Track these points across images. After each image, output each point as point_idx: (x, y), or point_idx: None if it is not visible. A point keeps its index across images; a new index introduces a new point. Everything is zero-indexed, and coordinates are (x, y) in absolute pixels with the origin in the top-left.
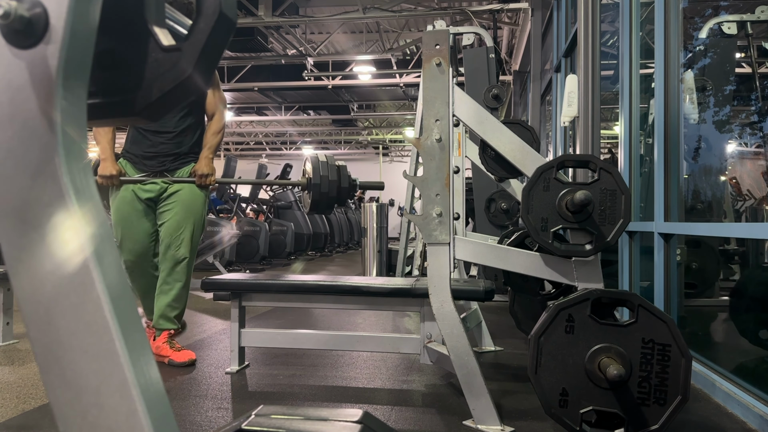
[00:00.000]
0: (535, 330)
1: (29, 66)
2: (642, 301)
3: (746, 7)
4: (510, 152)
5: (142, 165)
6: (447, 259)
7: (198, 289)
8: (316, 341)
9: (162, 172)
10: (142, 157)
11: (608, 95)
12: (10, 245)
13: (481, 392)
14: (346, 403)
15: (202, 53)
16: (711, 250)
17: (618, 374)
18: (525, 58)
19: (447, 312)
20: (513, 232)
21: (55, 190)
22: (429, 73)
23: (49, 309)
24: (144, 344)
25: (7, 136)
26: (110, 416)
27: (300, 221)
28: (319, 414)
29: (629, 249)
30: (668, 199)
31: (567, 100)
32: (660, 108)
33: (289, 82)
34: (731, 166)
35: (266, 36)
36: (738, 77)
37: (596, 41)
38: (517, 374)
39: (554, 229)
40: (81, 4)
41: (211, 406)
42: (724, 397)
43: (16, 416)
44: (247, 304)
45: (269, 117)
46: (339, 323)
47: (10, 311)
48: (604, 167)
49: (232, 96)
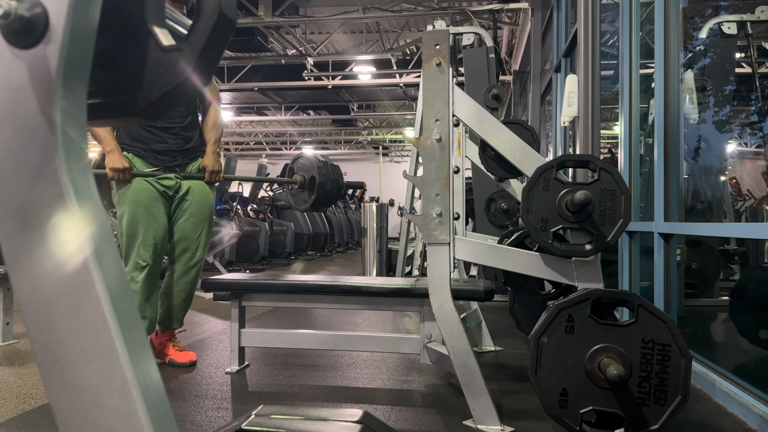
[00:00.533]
0: (535, 330)
1: (29, 66)
2: (642, 301)
3: (746, 7)
4: (510, 152)
5: (153, 159)
6: (447, 259)
7: (198, 289)
8: (316, 341)
9: (174, 167)
10: (152, 151)
11: (608, 95)
12: (10, 245)
13: (481, 392)
14: (346, 403)
15: (202, 53)
16: (711, 250)
17: (618, 374)
18: (525, 58)
19: (447, 312)
20: (513, 232)
21: (55, 190)
22: (429, 73)
23: (49, 309)
24: (144, 344)
25: (7, 136)
26: (110, 416)
27: (300, 221)
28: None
29: (629, 249)
30: (668, 199)
31: (567, 100)
32: (660, 108)
33: (289, 82)
34: (731, 166)
35: (266, 36)
36: (738, 77)
37: (596, 41)
38: (517, 374)
39: (554, 229)
40: (81, 4)
41: (211, 406)
42: (724, 397)
43: (16, 416)
44: (247, 304)
45: (269, 117)
46: (339, 323)
47: (10, 311)
48: (604, 167)
49: (232, 96)
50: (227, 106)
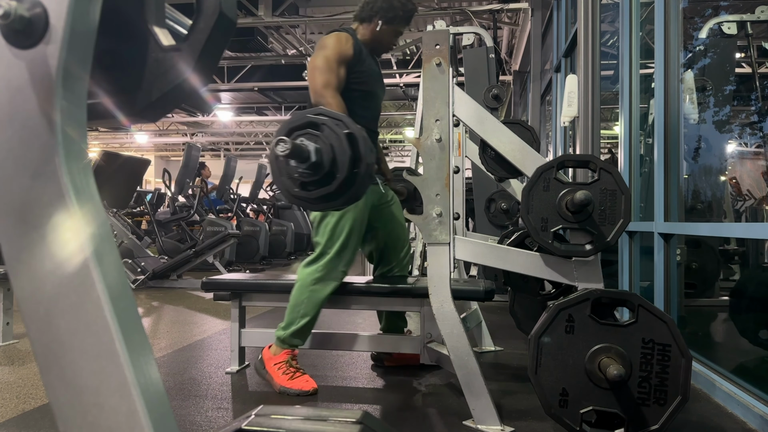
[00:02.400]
0: (536, 330)
1: (29, 66)
2: (642, 301)
3: (746, 7)
4: (510, 152)
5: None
6: (447, 259)
7: (198, 289)
8: (316, 341)
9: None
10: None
11: (608, 95)
12: (10, 245)
13: (482, 392)
14: (346, 403)
15: (202, 53)
16: (711, 250)
17: (618, 374)
18: (525, 58)
19: (447, 312)
20: (513, 232)
21: (55, 190)
22: (429, 73)
23: (49, 309)
24: (144, 344)
25: (7, 136)
26: (110, 416)
27: (300, 221)
28: (319, 414)
29: (629, 249)
30: (668, 199)
31: (567, 100)
32: (660, 108)
33: (289, 82)
34: (731, 166)
35: (266, 36)
36: (738, 77)
37: (596, 41)
38: (517, 374)
39: (554, 229)
40: (81, 4)
41: (211, 406)
42: (724, 397)
43: (16, 416)
44: (247, 304)
45: (269, 117)
46: (339, 323)
47: (10, 311)
48: (604, 167)
49: (231, 96)
50: (227, 106)
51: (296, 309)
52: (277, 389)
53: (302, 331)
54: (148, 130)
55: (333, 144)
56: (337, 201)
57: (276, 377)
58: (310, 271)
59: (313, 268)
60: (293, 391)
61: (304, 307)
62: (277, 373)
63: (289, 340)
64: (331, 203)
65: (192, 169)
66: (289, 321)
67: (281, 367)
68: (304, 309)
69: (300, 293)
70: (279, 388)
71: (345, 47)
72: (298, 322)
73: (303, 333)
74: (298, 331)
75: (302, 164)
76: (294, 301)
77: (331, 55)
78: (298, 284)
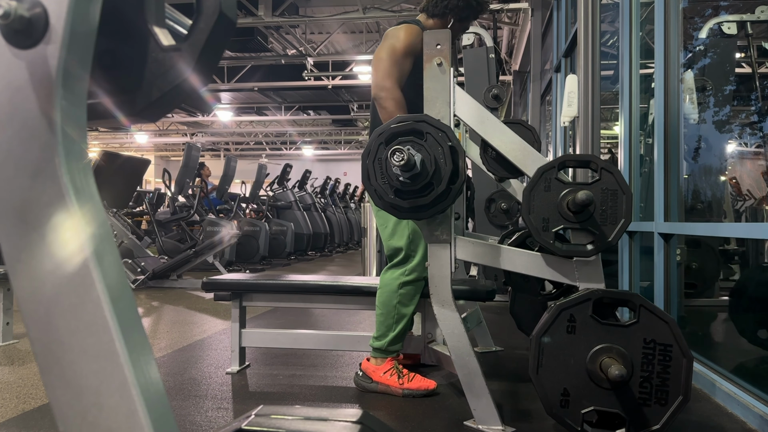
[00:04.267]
0: (537, 330)
1: (29, 66)
2: (643, 301)
3: (746, 7)
4: (511, 152)
5: None
6: (447, 259)
7: (198, 289)
8: (316, 341)
9: None
10: None
11: (608, 95)
12: (10, 245)
13: (482, 392)
14: (346, 403)
15: (202, 53)
16: (711, 250)
17: (619, 374)
18: (525, 58)
19: (448, 312)
20: (514, 232)
21: (55, 190)
22: (430, 73)
23: (49, 309)
24: (144, 344)
25: (7, 136)
26: (110, 416)
27: (300, 221)
28: (319, 414)
29: (629, 249)
30: (668, 199)
31: (567, 100)
32: (660, 108)
33: (289, 82)
34: (731, 166)
35: (266, 36)
36: (738, 77)
37: (596, 41)
38: (518, 374)
39: (555, 229)
40: (81, 4)
41: (211, 406)
42: (725, 398)
43: (16, 416)
44: (248, 304)
45: (269, 117)
46: (339, 323)
47: (10, 311)
48: (605, 167)
49: (231, 96)
50: (227, 106)
51: (389, 315)
52: (400, 394)
53: (400, 335)
54: (148, 130)
55: (436, 156)
56: (427, 212)
57: (393, 384)
58: (397, 275)
59: (401, 271)
60: (419, 392)
61: (396, 311)
62: (392, 380)
63: (391, 348)
64: (420, 214)
65: (192, 169)
66: (384, 330)
67: (393, 373)
68: (397, 314)
69: (389, 299)
70: (402, 393)
71: (415, 40)
72: (394, 328)
73: (401, 337)
74: (396, 337)
75: (406, 173)
76: (384, 308)
77: (399, 47)
78: (385, 291)
